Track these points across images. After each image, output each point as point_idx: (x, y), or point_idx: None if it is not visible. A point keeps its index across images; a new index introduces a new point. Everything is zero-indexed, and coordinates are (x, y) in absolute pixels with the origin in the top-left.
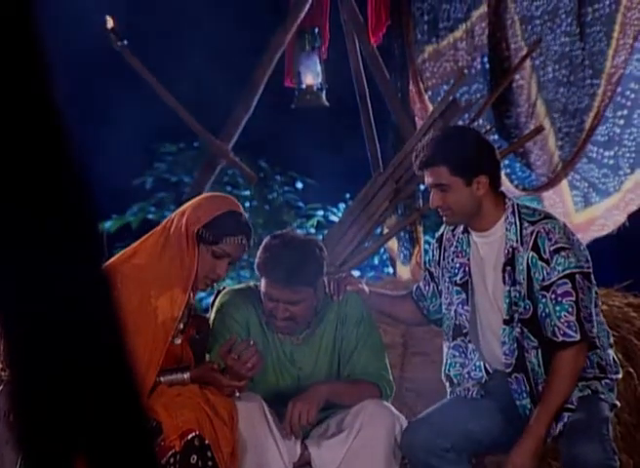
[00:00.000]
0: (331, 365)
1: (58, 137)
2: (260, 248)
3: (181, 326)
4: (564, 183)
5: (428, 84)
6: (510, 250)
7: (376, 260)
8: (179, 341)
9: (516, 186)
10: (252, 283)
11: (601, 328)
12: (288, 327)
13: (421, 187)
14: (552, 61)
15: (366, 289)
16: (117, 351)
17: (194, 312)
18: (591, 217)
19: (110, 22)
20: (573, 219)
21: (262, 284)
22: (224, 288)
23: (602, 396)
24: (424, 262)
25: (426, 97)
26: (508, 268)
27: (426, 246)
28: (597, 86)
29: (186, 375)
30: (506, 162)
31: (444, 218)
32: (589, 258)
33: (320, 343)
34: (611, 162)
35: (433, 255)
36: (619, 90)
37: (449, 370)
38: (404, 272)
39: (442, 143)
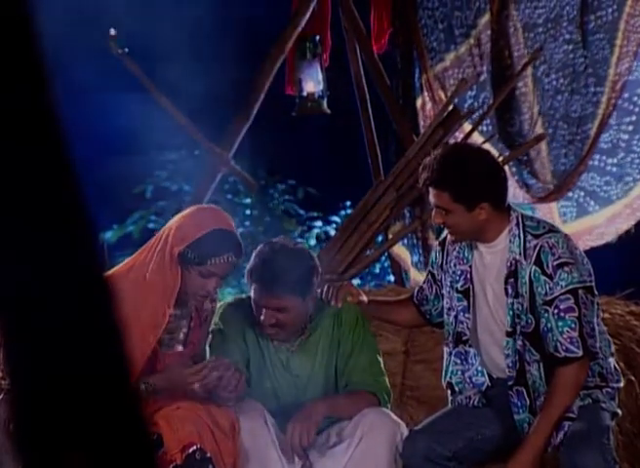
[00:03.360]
0: (328, 371)
1: (56, 144)
2: (253, 254)
3: (181, 336)
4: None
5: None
6: (513, 262)
7: (377, 269)
8: (180, 348)
9: (527, 192)
10: (244, 295)
11: (602, 337)
12: (275, 333)
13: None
14: (555, 69)
15: (364, 298)
16: (118, 361)
17: (210, 318)
18: (589, 226)
19: (112, 31)
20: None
21: (251, 290)
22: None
23: (603, 405)
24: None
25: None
26: (511, 280)
27: None
28: (601, 94)
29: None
30: (514, 169)
31: (447, 235)
32: (592, 272)
33: (316, 350)
34: (614, 169)
35: (436, 258)
36: (625, 96)
37: (450, 378)
38: (420, 278)
39: (447, 168)
